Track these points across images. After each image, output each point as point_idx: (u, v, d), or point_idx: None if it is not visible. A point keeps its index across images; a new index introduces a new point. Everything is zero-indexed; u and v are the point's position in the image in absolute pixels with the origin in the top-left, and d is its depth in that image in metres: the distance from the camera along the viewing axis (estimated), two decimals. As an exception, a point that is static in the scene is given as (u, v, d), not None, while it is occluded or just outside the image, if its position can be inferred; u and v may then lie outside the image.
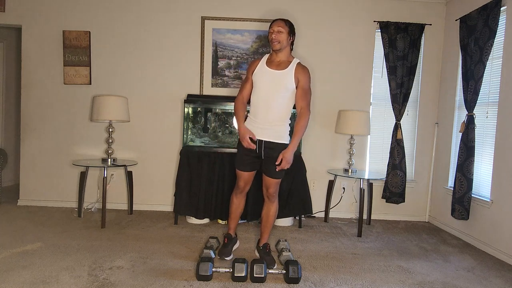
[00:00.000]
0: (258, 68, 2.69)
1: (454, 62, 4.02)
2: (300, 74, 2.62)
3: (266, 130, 2.65)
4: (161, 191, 4.24)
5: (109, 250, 2.94)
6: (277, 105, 2.62)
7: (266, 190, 2.78)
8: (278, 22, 2.65)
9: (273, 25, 2.65)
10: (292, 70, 2.62)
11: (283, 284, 2.49)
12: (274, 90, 2.61)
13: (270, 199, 2.81)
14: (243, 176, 2.79)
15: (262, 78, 2.65)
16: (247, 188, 2.87)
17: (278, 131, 2.66)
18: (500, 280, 2.73)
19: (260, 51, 4.16)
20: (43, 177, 4.23)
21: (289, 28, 2.66)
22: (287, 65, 2.65)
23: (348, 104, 4.25)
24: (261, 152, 2.68)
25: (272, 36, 2.62)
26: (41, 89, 4.18)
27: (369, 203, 4.06)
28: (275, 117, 2.64)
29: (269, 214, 2.86)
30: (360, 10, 4.21)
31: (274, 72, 2.63)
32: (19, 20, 4.13)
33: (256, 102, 2.68)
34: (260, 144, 2.66)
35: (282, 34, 2.61)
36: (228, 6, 4.16)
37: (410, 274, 2.77)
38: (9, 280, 2.36)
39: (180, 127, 4.21)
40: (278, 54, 2.66)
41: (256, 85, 2.68)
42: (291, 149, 2.60)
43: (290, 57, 2.71)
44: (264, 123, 2.64)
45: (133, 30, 4.17)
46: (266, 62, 2.69)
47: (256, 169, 2.79)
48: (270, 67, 2.66)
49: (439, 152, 4.23)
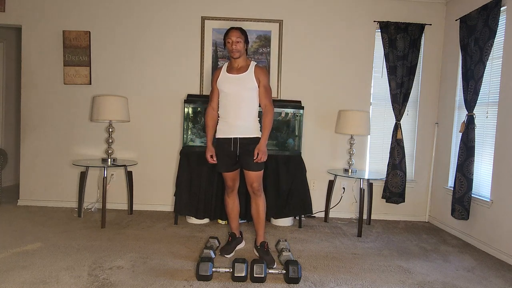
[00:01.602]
0: (221, 76, 2.90)
1: (454, 62, 4.02)
2: (259, 75, 2.84)
3: (238, 128, 2.83)
4: (161, 191, 4.24)
5: (109, 250, 2.94)
6: (245, 105, 2.83)
7: (250, 186, 2.89)
8: (234, 32, 2.83)
9: (230, 35, 2.83)
10: (251, 72, 2.84)
11: (283, 284, 2.49)
12: (240, 91, 2.82)
13: (256, 193, 2.91)
14: (227, 176, 2.94)
15: (227, 83, 2.85)
16: (236, 186, 3.02)
17: (249, 127, 2.85)
18: (500, 280, 2.73)
19: (260, 51, 4.16)
20: (43, 177, 4.23)
21: (245, 37, 2.87)
22: (246, 68, 2.87)
23: (348, 104, 4.25)
24: (236, 149, 2.84)
25: (232, 47, 2.81)
26: (41, 89, 4.18)
27: (369, 203, 4.06)
28: (245, 115, 2.84)
29: (258, 210, 2.94)
30: (360, 10, 4.21)
31: (237, 76, 2.85)
32: (19, 20, 4.13)
33: (225, 105, 2.86)
34: (235, 141, 2.84)
35: (240, 43, 2.82)
36: (228, 6, 4.17)
37: (410, 274, 2.77)
38: (9, 280, 2.37)
39: (180, 127, 4.21)
40: (237, 60, 2.87)
41: (223, 91, 2.88)
42: (263, 142, 2.81)
43: (247, 61, 2.93)
44: (235, 122, 2.82)
45: (133, 30, 4.17)
46: (226, 70, 2.90)
47: (238, 167, 2.92)
48: (232, 73, 2.87)
49: (439, 152, 4.23)
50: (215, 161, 2.91)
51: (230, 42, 2.81)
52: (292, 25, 4.19)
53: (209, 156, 2.90)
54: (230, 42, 2.81)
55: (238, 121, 2.82)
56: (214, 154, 2.90)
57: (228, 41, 2.83)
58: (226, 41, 2.85)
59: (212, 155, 2.90)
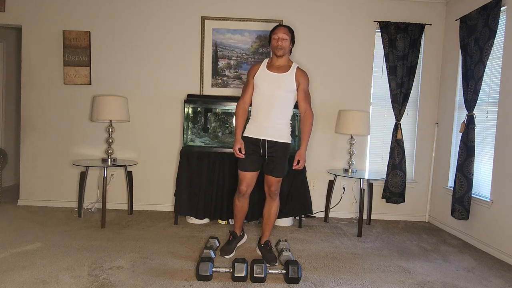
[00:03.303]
0: (260, 71, 2.77)
1: (454, 62, 4.02)
2: (300, 78, 2.74)
3: (268, 129, 2.73)
4: (161, 191, 4.24)
5: (109, 250, 2.94)
6: (278, 106, 2.71)
7: (268, 188, 2.85)
8: (282, 28, 2.75)
9: (277, 31, 2.73)
10: (293, 73, 2.74)
11: (283, 284, 2.49)
12: (276, 91, 2.71)
13: (272, 197, 2.88)
14: (246, 178, 2.80)
15: (264, 80, 2.73)
16: (249, 191, 2.88)
17: (280, 130, 2.75)
18: (500, 280, 2.73)
19: (260, 51, 4.16)
20: (43, 177, 4.23)
21: (291, 36, 2.78)
22: (288, 69, 2.76)
23: (348, 104, 4.25)
24: (264, 151, 2.75)
25: (278, 43, 2.71)
26: (41, 89, 4.18)
27: (369, 203, 4.06)
28: (277, 117, 2.73)
29: (270, 212, 2.92)
30: (360, 10, 4.21)
31: (276, 74, 2.73)
32: (19, 20, 4.13)
33: (258, 104, 2.76)
34: (263, 143, 2.74)
35: (286, 41, 2.73)
36: (228, 6, 4.17)
37: (410, 274, 2.77)
38: (9, 280, 2.37)
39: (180, 127, 4.21)
40: (279, 59, 2.77)
41: (258, 88, 2.76)
42: (303, 149, 2.76)
43: (289, 61, 2.82)
44: (266, 123, 2.73)
45: (133, 30, 4.17)
46: (266, 66, 2.79)
47: (259, 169, 2.83)
48: (271, 70, 2.76)
49: (439, 152, 4.23)
50: (243, 155, 2.74)
51: (276, 38, 2.71)
52: (292, 25, 4.18)
53: (237, 149, 2.74)
54: (276, 38, 2.71)
55: (269, 122, 2.70)
56: (243, 147, 2.74)
57: (274, 37, 2.73)
58: (271, 37, 2.76)
59: (240, 148, 2.74)
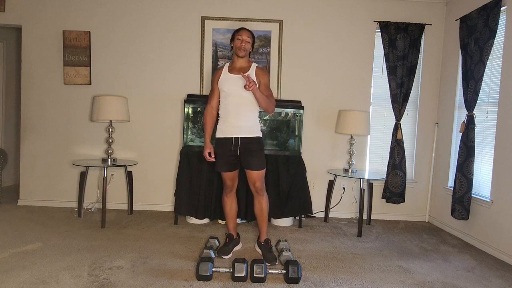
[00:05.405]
0: (223, 75, 2.91)
1: (454, 62, 4.02)
2: (260, 76, 2.89)
3: (239, 127, 2.84)
4: (161, 191, 4.25)
5: (109, 250, 2.94)
6: (246, 104, 2.85)
7: (253, 185, 2.91)
8: (246, 31, 2.89)
9: (242, 33, 2.87)
10: (253, 72, 2.88)
11: (283, 284, 2.49)
12: (241, 91, 2.83)
13: (260, 192, 2.93)
14: (227, 176, 2.95)
15: (228, 83, 2.87)
16: (235, 186, 3.03)
17: (250, 126, 2.87)
18: (500, 280, 2.73)
19: (260, 51, 4.16)
20: (43, 177, 4.23)
21: (253, 40, 2.94)
22: (248, 69, 2.90)
23: (348, 104, 4.25)
24: (236, 148, 2.85)
25: (242, 44, 2.85)
26: (41, 89, 4.18)
27: (369, 203, 4.06)
28: (247, 115, 2.86)
29: (262, 208, 2.96)
30: (360, 10, 4.21)
31: (238, 76, 2.85)
32: (19, 20, 4.13)
33: (226, 105, 2.88)
34: (236, 141, 2.85)
35: (248, 44, 2.89)
36: (228, 6, 4.17)
37: (410, 274, 2.77)
38: (9, 280, 2.37)
39: (180, 127, 4.21)
40: (240, 60, 2.90)
41: (224, 91, 2.89)
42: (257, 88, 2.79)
43: (249, 62, 2.97)
44: (238, 122, 2.84)
45: (133, 30, 4.17)
46: (228, 70, 2.92)
47: (238, 168, 2.93)
48: (233, 73, 2.88)
49: (439, 152, 4.23)
50: (214, 158, 2.91)
51: (240, 39, 2.85)
52: (292, 25, 4.19)
53: (207, 154, 2.91)
54: (240, 39, 2.85)
55: (239, 121, 2.83)
56: (212, 151, 2.92)
57: (238, 38, 2.86)
58: (235, 37, 2.87)
59: (210, 153, 2.92)
